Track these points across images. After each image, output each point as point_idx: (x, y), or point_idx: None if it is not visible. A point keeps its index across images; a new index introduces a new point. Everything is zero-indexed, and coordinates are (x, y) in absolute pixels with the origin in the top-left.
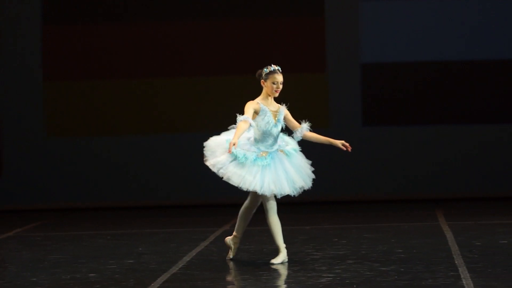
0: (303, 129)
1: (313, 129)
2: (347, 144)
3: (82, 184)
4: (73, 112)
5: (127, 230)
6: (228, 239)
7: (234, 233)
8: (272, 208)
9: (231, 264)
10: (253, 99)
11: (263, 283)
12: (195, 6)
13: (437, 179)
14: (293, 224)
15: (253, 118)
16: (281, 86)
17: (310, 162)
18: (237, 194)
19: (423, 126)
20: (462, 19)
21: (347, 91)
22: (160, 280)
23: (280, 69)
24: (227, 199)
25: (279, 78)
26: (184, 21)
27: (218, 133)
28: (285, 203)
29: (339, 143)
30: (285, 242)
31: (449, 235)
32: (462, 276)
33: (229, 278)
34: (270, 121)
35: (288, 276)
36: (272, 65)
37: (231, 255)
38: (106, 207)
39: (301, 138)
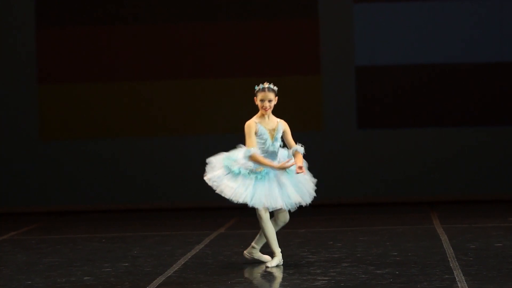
0: (295, 149)
1: (308, 131)
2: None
3: (77, 187)
4: (68, 115)
5: (121, 233)
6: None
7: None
8: (265, 215)
9: (226, 267)
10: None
11: (258, 286)
12: (190, 9)
13: (432, 181)
14: (288, 227)
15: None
16: (268, 104)
17: (315, 181)
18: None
19: (418, 128)
20: (456, 22)
21: (341, 93)
22: (155, 283)
23: (271, 87)
24: (222, 202)
25: (266, 96)
26: (180, 23)
27: (215, 136)
28: None
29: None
30: (280, 245)
31: (444, 238)
32: (457, 279)
33: (224, 281)
34: (268, 142)
35: (283, 279)
36: (265, 83)
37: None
38: (101, 210)
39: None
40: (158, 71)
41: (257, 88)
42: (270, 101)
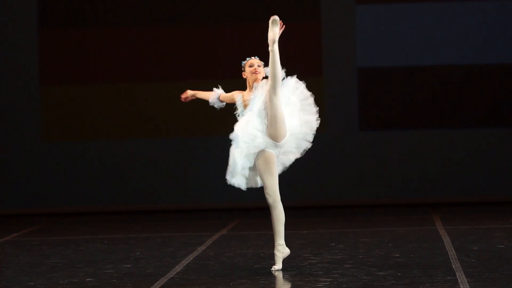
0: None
1: None
2: None
3: (79, 188)
4: (69, 116)
5: (123, 234)
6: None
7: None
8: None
9: (228, 269)
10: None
11: (261, 287)
12: (193, 11)
13: (434, 183)
14: (290, 229)
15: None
16: (257, 67)
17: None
18: (233, 199)
19: (420, 130)
20: (458, 24)
21: (343, 95)
22: (157, 284)
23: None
24: (224, 203)
25: (255, 61)
26: (182, 26)
27: (218, 137)
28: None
29: None
30: None
31: (446, 240)
32: (459, 281)
33: (226, 283)
34: (239, 111)
35: (286, 280)
36: None
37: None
38: (103, 211)
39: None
40: (160, 73)
41: (243, 62)
42: (259, 66)
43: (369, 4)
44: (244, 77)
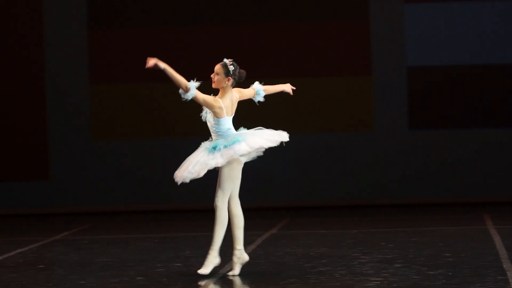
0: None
1: (359, 132)
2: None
3: (128, 187)
4: (120, 115)
5: (173, 233)
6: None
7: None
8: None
9: (277, 268)
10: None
11: (311, 286)
12: (246, 10)
13: (485, 182)
14: (340, 228)
15: None
16: (212, 74)
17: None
18: (282, 198)
19: (471, 129)
20: (507, 23)
21: (393, 94)
22: (207, 283)
23: (225, 61)
24: (274, 202)
25: (216, 67)
26: (231, 25)
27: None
28: (330, 207)
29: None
30: (332, 245)
31: (497, 239)
32: (510, 281)
33: (276, 281)
34: (203, 114)
35: (336, 280)
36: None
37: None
38: (153, 210)
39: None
40: (206, 72)
41: None
42: (217, 74)
43: (419, 2)
44: None
